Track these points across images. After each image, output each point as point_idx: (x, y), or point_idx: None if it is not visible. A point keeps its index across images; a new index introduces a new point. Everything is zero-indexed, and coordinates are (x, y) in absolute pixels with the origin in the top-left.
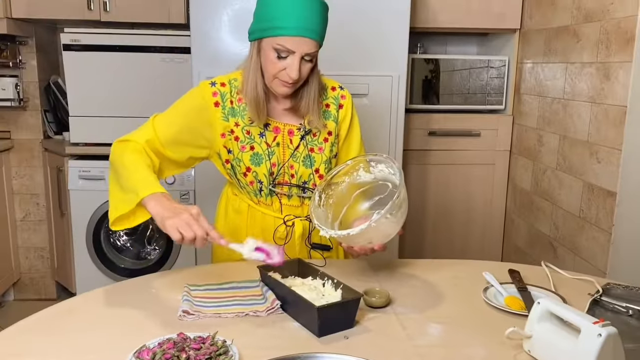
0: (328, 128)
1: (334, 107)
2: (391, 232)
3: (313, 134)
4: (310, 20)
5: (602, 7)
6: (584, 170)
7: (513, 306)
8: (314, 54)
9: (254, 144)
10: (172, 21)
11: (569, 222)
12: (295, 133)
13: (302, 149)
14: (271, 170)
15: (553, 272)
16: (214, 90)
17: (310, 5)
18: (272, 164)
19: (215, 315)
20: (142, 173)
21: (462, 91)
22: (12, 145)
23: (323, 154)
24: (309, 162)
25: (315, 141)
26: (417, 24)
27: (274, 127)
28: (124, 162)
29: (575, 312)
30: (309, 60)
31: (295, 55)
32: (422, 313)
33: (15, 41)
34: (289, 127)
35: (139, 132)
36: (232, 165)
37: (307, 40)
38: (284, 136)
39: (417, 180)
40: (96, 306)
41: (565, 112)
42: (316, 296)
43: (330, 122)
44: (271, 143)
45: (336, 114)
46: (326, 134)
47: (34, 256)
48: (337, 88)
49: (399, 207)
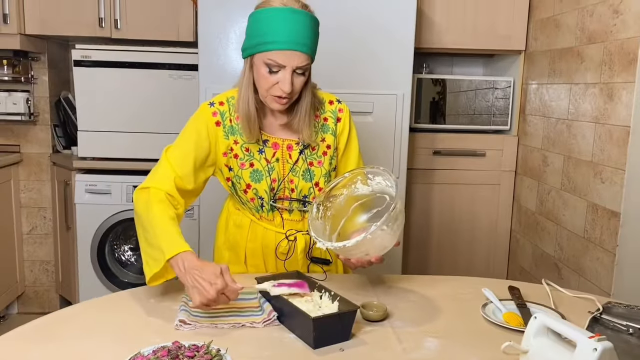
0: (327, 142)
1: (332, 120)
2: (387, 244)
3: (312, 148)
4: (300, 34)
5: (606, 29)
6: (588, 191)
7: (511, 322)
8: (305, 67)
9: (253, 161)
10: (181, 39)
11: (574, 242)
12: (294, 148)
13: (301, 163)
14: (271, 186)
15: (554, 290)
16: (213, 110)
17: (300, 19)
18: (272, 180)
19: (211, 326)
20: (168, 229)
21: (468, 112)
22: (22, 159)
23: (322, 168)
24: (308, 176)
25: (314, 155)
26: (422, 44)
27: (273, 142)
28: (149, 216)
29: (572, 327)
30: (301, 74)
31: (287, 69)
32: (419, 327)
33: (27, 57)
34: (288, 142)
35: (159, 176)
36: (233, 183)
37: (297, 53)
38: (283, 151)
39: (421, 199)
40: (94, 314)
41: (569, 133)
42: (313, 308)
43: (328, 135)
44: (270, 159)
45: (334, 128)
46: (325, 147)
47: (39, 269)
48: (334, 102)
49: (395, 219)
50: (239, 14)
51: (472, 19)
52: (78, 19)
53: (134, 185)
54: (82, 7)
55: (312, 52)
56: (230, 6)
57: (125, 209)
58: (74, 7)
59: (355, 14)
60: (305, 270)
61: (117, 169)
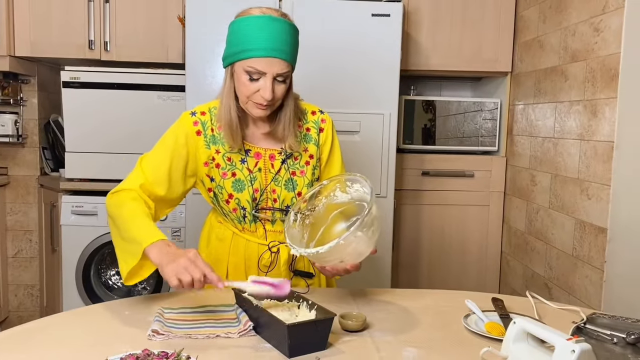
0: (309, 152)
1: (315, 130)
2: (363, 251)
3: (294, 157)
4: (278, 41)
5: (587, 47)
6: (576, 208)
7: (493, 332)
8: (286, 75)
9: (235, 171)
10: (170, 61)
11: (563, 261)
12: (276, 157)
13: (283, 172)
14: (254, 195)
15: (538, 302)
16: (194, 119)
17: (279, 27)
18: (254, 190)
19: (185, 336)
20: (141, 222)
21: (457, 135)
22: (9, 181)
23: (305, 177)
24: (291, 186)
25: (297, 165)
26: (409, 66)
27: (255, 152)
28: (122, 213)
29: (550, 330)
30: (282, 81)
31: (267, 76)
32: (399, 337)
33: (17, 79)
34: (270, 151)
35: (130, 180)
36: (215, 193)
37: (277, 60)
38: (266, 161)
39: (411, 220)
40: (67, 325)
41: (555, 151)
42: (289, 317)
43: (311, 145)
44: (253, 169)
45: (317, 138)
46: (307, 157)
47: (24, 294)
48: (317, 112)
49: (369, 225)
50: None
51: (458, 42)
52: (68, 41)
53: None
54: (72, 29)
55: (292, 60)
56: (217, 27)
57: None
58: (64, 30)
59: (342, 35)
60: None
61: (104, 190)
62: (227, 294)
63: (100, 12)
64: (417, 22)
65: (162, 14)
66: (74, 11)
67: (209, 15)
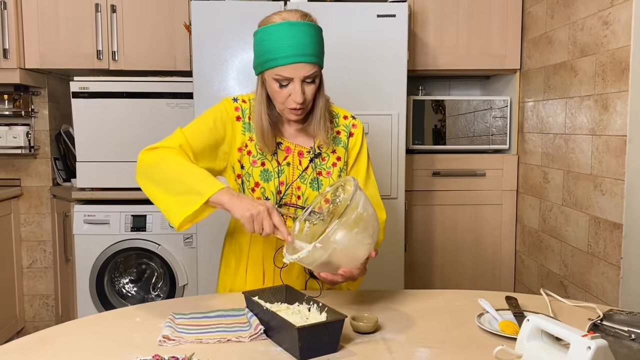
0: (337, 154)
1: (345, 134)
2: (358, 254)
3: (322, 157)
4: (301, 45)
5: (597, 40)
6: (590, 204)
7: (507, 330)
8: (314, 75)
9: (265, 161)
10: (178, 68)
11: (578, 258)
12: (305, 155)
13: (310, 171)
14: (279, 188)
15: (553, 300)
16: (236, 105)
17: (300, 30)
18: (280, 183)
19: (196, 341)
20: (196, 172)
21: (467, 134)
22: (22, 192)
23: (330, 179)
24: (316, 185)
25: (324, 165)
26: (417, 66)
27: (286, 147)
28: (168, 165)
29: (565, 327)
30: (311, 82)
31: (295, 81)
32: (411, 338)
33: (28, 91)
34: (300, 148)
35: (169, 139)
36: (242, 181)
37: (302, 65)
38: (294, 157)
39: (422, 221)
40: (77, 332)
41: (567, 147)
42: (300, 319)
43: (340, 148)
44: (282, 162)
45: (346, 141)
46: (335, 159)
47: (39, 304)
48: (349, 117)
49: (351, 226)
50: (231, 40)
51: (466, 41)
52: (76, 51)
53: (132, 214)
54: (81, 40)
55: (318, 60)
56: (223, 33)
57: (124, 239)
58: (72, 41)
59: (348, 37)
60: (302, 285)
61: (115, 198)
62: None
63: (108, 22)
64: (423, 22)
65: (168, 23)
66: (81, 22)
67: (215, 22)
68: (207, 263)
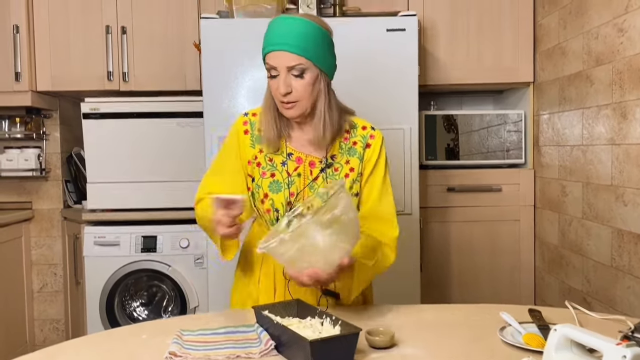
0: (350, 164)
1: (361, 145)
2: (329, 257)
3: (335, 168)
4: (290, 35)
5: (612, 49)
6: (612, 216)
7: (532, 343)
8: (300, 68)
9: (275, 172)
10: (188, 88)
11: (601, 273)
12: (316, 165)
13: (320, 181)
14: (289, 199)
15: (580, 313)
16: (245, 119)
17: (294, 23)
18: (290, 193)
19: (204, 358)
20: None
21: (481, 149)
22: (33, 215)
23: None
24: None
25: (336, 176)
26: (428, 81)
27: (297, 157)
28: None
29: (597, 336)
30: (299, 76)
31: (281, 70)
32: (431, 353)
33: (40, 114)
34: (311, 158)
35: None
36: (253, 193)
37: (286, 53)
38: (305, 167)
39: (438, 238)
40: (84, 349)
41: (585, 159)
42: (312, 334)
43: (354, 159)
44: (292, 172)
45: (362, 152)
46: (348, 169)
47: (49, 328)
48: (368, 128)
49: (326, 225)
50: (241, 57)
51: (477, 55)
52: (87, 73)
53: (142, 235)
54: (91, 61)
55: (305, 53)
56: (232, 51)
57: (135, 260)
58: (83, 62)
59: (358, 52)
60: (314, 301)
61: (126, 219)
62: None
63: (118, 43)
64: (433, 37)
65: (178, 42)
66: (92, 44)
67: (224, 40)
68: (218, 284)
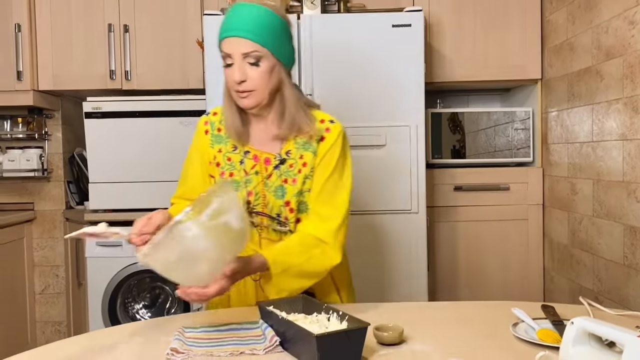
0: (304, 159)
1: (316, 139)
2: (192, 271)
3: (290, 164)
4: (244, 21)
5: (623, 42)
6: (623, 213)
7: (547, 339)
8: (256, 56)
9: (233, 171)
10: (191, 87)
11: (613, 272)
12: (271, 162)
13: (275, 178)
14: (247, 198)
15: (594, 309)
16: (206, 119)
17: (246, 10)
18: (248, 193)
19: (206, 354)
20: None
21: (489, 148)
22: (35, 216)
23: (295, 186)
24: (280, 193)
25: (291, 172)
26: (434, 79)
27: (254, 154)
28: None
29: (617, 328)
30: (254, 64)
31: (235, 58)
32: (442, 349)
33: (42, 114)
34: (266, 155)
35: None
36: None
37: (240, 40)
38: (262, 165)
39: (445, 238)
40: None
41: (595, 155)
42: (318, 329)
43: (308, 153)
44: (249, 171)
45: (316, 147)
46: (301, 165)
47: (51, 331)
48: (325, 121)
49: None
50: None
51: (483, 51)
52: (89, 72)
53: None
54: (93, 60)
55: (259, 39)
56: None
57: (137, 261)
58: (85, 61)
59: (364, 48)
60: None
61: (129, 219)
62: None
63: (121, 42)
64: (439, 34)
65: (181, 41)
66: (94, 42)
67: None
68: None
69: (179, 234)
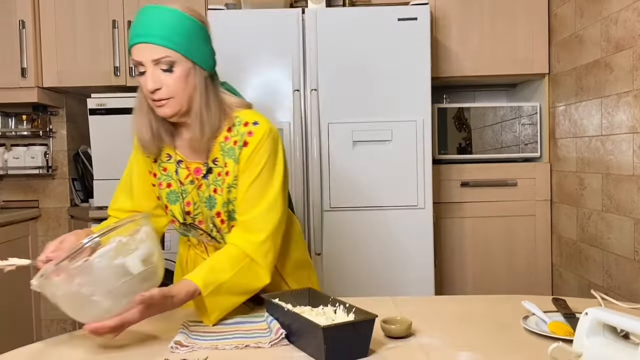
0: (227, 167)
1: (239, 144)
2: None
3: (218, 173)
4: (152, 26)
5: (632, 33)
6: (634, 207)
7: (559, 332)
8: (168, 61)
9: (171, 182)
10: None
11: (623, 267)
12: (202, 171)
13: (204, 188)
14: (186, 209)
15: (607, 302)
16: None
17: (156, 13)
18: (186, 203)
19: (211, 347)
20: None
21: (496, 143)
22: (40, 214)
23: (222, 196)
24: (211, 204)
25: (219, 181)
26: (440, 73)
27: (186, 165)
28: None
29: (633, 318)
30: (167, 70)
31: (147, 66)
32: (451, 342)
33: (46, 111)
34: (195, 164)
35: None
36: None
37: (148, 45)
38: (193, 175)
39: (452, 234)
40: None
41: (605, 149)
42: (325, 321)
43: (230, 160)
44: (184, 180)
45: (238, 153)
46: (224, 173)
47: (56, 328)
48: (249, 124)
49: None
50: (248, 49)
51: (490, 46)
52: (94, 69)
53: None
54: (98, 57)
55: (170, 44)
56: (239, 42)
57: None
58: (89, 58)
59: (369, 42)
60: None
61: None
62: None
63: (125, 38)
64: (445, 27)
65: None
66: (98, 39)
67: (233, 32)
68: None
69: (67, 271)
